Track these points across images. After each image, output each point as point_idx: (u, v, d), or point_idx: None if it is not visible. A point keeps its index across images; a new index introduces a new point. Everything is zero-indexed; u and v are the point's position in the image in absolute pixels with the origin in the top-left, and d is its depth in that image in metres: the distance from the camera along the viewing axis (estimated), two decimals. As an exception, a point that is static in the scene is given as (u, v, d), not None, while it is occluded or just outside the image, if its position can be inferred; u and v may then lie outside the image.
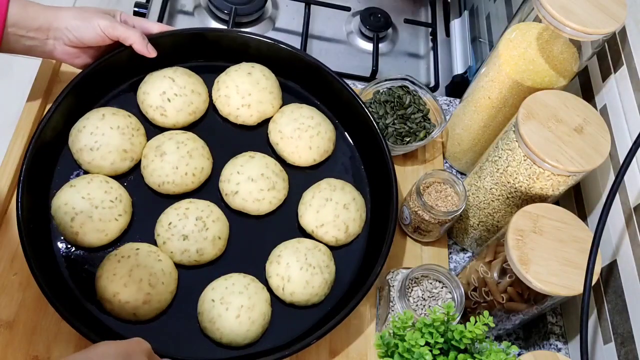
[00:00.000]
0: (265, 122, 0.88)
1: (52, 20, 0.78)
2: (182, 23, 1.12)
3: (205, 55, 0.90)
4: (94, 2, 2.04)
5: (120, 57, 0.84)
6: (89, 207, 0.75)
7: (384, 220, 0.80)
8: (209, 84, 0.89)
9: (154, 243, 0.78)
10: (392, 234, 0.78)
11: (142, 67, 0.86)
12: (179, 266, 0.77)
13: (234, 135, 0.88)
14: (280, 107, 0.89)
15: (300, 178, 0.86)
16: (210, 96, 0.89)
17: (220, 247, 0.78)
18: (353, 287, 0.78)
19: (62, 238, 0.76)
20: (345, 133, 0.91)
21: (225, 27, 1.03)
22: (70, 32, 0.78)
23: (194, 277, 0.77)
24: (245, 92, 0.86)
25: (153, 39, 0.85)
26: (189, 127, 0.86)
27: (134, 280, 0.72)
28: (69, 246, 0.77)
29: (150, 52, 0.82)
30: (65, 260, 0.76)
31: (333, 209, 0.81)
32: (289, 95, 0.91)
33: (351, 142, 0.91)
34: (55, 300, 0.68)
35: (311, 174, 0.86)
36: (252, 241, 0.81)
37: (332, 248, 0.81)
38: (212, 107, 0.89)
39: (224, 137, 0.87)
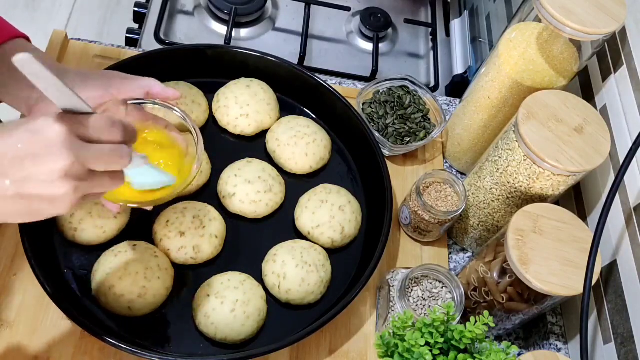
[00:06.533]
0: (263, 133, 0.90)
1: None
2: (182, 23, 1.12)
3: (205, 72, 0.92)
4: (94, 2, 2.04)
5: (124, 69, 0.84)
6: (88, 203, 0.75)
7: (379, 225, 0.81)
8: (209, 100, 0.90)
9: (152, 243, 0.78)
10: (387, 236, 0.79)
11: None
12: (176, 266, 0.77)
13: (233, 145, 0.89)
14: (278, 119, 0.91)
15: (297, 186, 0.87)
16: (210, 109, 0.90)
17: (216, 246, 0.79)
18: (350, 288, 0.78)
19: (61, 236, 0.77)
20: (342, 145, 0.92)
21: (224, 44, 1.04)
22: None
23: (190, 276, 0.78)
24: (244, 102, 0.88)
25: (155, 54, 0.87)
26: None
27: (129, 273, 0.72)
28: (69, 245, 0.77)
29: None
30: (65, 260, 0.76)
31: (329, 211, 0.81)
32: (286, 110, 0.93)
33: (347, 153, 0.92)
34: (56, 296, 0.68)
35: (308, 182, 0.87)
36: (248, 243, 0.82)
37: (328, 251, 0.81)
38: (212, 120, 0.90)
39: (222, 147, 0.88)
